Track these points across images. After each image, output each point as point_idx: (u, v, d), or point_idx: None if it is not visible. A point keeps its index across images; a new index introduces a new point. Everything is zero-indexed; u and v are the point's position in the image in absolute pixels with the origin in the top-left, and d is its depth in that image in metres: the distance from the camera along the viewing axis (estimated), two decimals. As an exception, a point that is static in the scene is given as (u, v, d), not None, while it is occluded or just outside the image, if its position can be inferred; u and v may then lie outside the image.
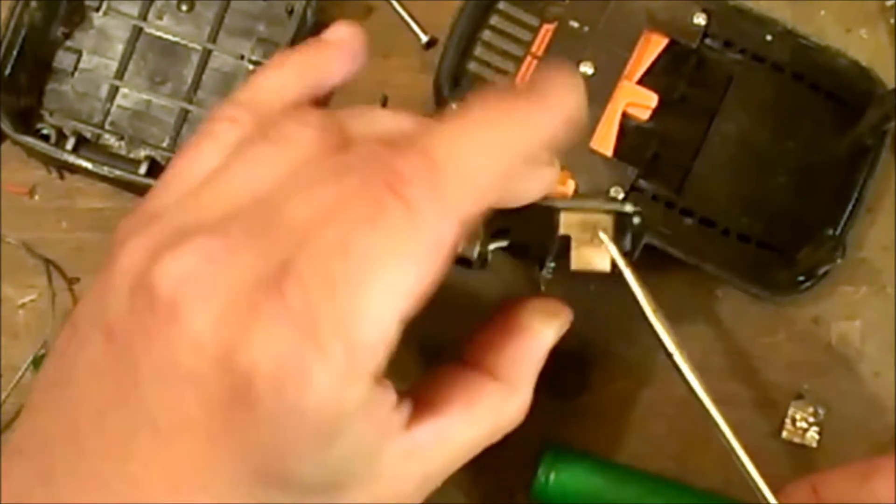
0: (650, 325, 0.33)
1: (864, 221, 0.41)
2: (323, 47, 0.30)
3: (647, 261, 0.34)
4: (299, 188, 0.25)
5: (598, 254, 0.32)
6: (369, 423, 0.25)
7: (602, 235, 0.32)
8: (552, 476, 0.38)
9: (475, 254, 0.32)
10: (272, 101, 0.29)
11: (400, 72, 0.42)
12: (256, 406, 0.24)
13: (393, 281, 0.24)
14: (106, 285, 0.26)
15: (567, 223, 0.32)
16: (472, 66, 0.41)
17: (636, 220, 0.33)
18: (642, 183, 0.40)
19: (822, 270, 0.39)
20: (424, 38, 0.42)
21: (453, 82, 0.40)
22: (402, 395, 0.26)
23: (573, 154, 0.39)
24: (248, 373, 0.24)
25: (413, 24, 0.42)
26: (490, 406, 0.29)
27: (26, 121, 0.40)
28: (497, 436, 0.30)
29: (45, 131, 0.40)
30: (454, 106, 0.39)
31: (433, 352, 0.38)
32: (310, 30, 0.41)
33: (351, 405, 0.24)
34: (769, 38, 0.41)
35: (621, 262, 0.32)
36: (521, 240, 0.33)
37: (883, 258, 0.42)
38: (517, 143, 0.26)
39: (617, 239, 0.32)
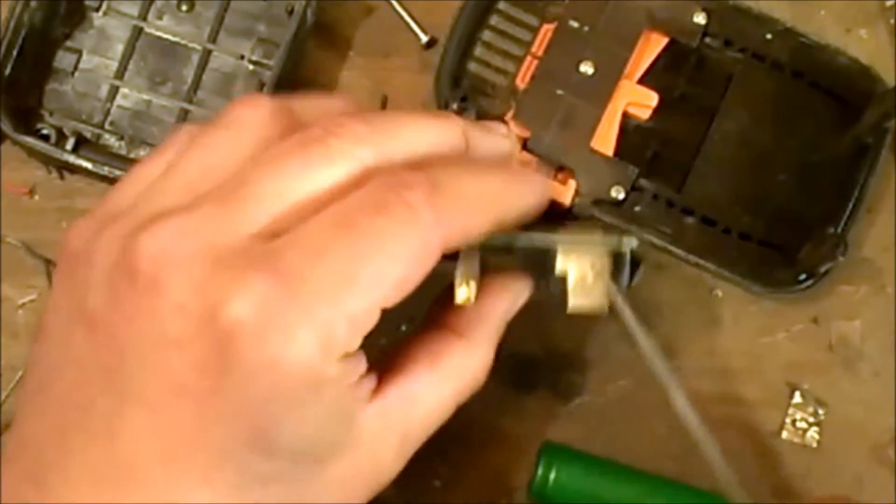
0: (648, 362, 0.32)
1: (865, 221, 0.41)
2: None
3: (643, 270, 0.35)
4: (272, 163, 0.26)
5: (595, 292, 0.32)
6: (343, 390, 0.26)
7: (602, 275, 0.32)
8: (552, 476, 0.38)
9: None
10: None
11: (400, 72, 0.42)
12: (241, 358, 0.24)
13: (383, 267, 0.25)
14: (79, 281, 0.26)
15: (563, 262, 0.32)
16: (473, 66, 0.41)
17: (634, 244, 0.32)
18: (643, 182, 0.40)
19: (823, 268, 0.39)
20: (424, 38, 0.42)
21: (453, 82, 0.40)
22: (371, 365, 0.27)
23: (574, 154, 0.39)
24: (233, 325, 0.24)
25: (413, 24, 0.42)
26: (453, 363, 0.30)
27: (26, 121, 0.40)
28: (463, 395, 0.30)
29: (45, 131, 0.40)
30: (454, 106, 0.39)
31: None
32: (310, 30, 0.41)
33: (329, 371, 0.25)
34: (769, 36, 0.41)
35: (619, 303, 0.32)
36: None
37: (883, 258, 0.42)
38: (501, 198, 0.29)
39: (615, 276, 0.32)
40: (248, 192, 0.26)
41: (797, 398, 0.41)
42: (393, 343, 0.30)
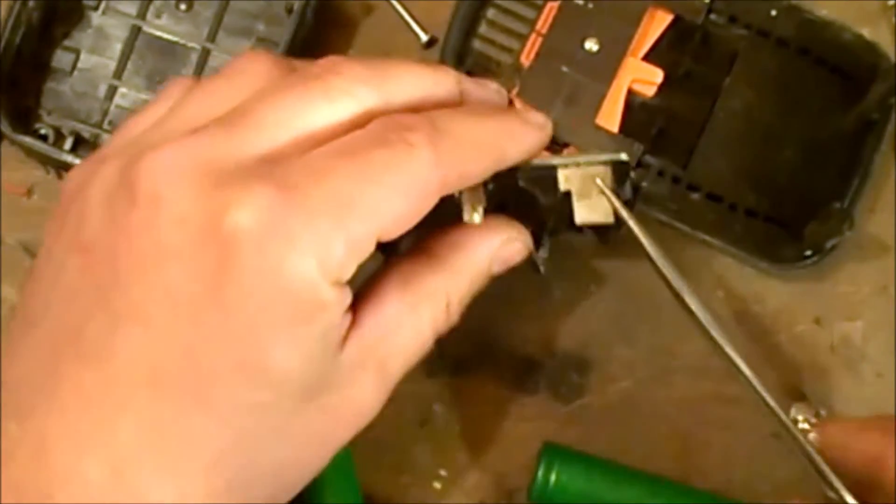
0: (657, 271, 0.32)
1: (866, 221, 0.41)
2: None
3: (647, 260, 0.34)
4: (270, 95, 0.27)
5: (600, 206, 0.32)
6: (332, 319, 0.26)
7: (603, 188, 0.32)
8: (552, 477, 0.38)
9: (540, 261, 0.32)
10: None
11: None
12: (241, 266, 0.24)
13: (385, 195, 0.26)
14: (73, 216, 0.26)
15: (565, 180, 0.32)
16: (477, 43, 0.41)
17: (631, 172, 0.33)
18: (648, 159, 0.40)
19: (829, 244, 0.39)
20: (424, 38, 0.42)
21: (458, 60, 0.40)
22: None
23: (579, 130, 0.39)
24: (235, 232, 0.24)
25: (413, 23, 0.42)
26: (425, 285, 0.29)
27: (24, 121, 0.40)
28: (439, 323, 0.29)
29: (43, 131, 0.40)
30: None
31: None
32: (309, 29, 0.41)
33: (323, 292, 0.25)
34: (773, 13, 0.41)
35: (623, 212, 0.32)
36: (519, 209, 0.33)
37: (884, 258, 0.42)
38: (500, 143, 0.29)
39: (616, 189, 0.32)
40: (249, 121, 0.26)
41: (799, 399, 0.41)
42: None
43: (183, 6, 0.41)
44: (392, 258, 0.30)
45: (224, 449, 0.25)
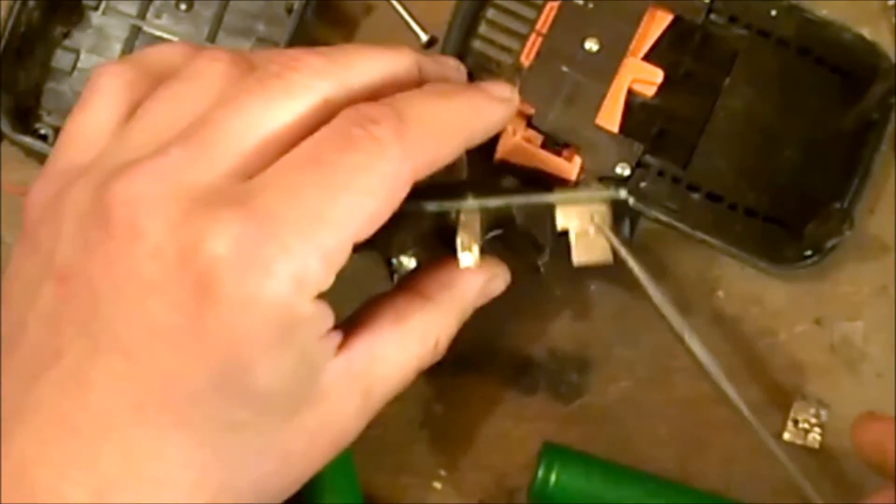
0: (657, 309, 0.32)
1: (866, 221, 0.41)
2: None
3: (647, 260, 0.34)
4: (233, 102, 0.27)
5: (598, 245, 0.32)
6: (313, 336, 0.26)
7: (602, 227, 0.32)
8: (552, 476, 0.38)
9: (540, 262, 0.33)
10: (151, 58, 0.30)
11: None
12: (219, 295, 0.24)
13: (356, 201, 0.26)
14: (46, 240, 0.26)
15: (563, 218, 0.32)
16: (477, 44, 0.41)
17: (631, 201, 0.32)
18: (648, 158, 0.40)
19: (829, 244, 0.39)
20: (424, 38, 0.42)
21: (457, 59, 0.40)
22: (338, 323, 0.27)
23: (579, 131, 0.39)
24: (211, 263, 0.24)
25: (413, 23, 0.42)
26: (417, 324, 0.30)
27: (24, 120, 0.40)
28: (424, 360, 0.30)
29: (43, 131, 0.40)
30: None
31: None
32: (309, 29, 0.41)
33: (302, 310, 0.25)
34: (774, 13, 0.41)
35: (623, 251, 0.32)
36: (516, 237, 0.33)
37: (884, 258, 0.42)
38: (468, 120, 0.30)
39: (615, 227, 0.32)
40: (214, 133, 0.26)
41: (799, 399, 0.41)
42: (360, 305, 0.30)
43: (183, 6, 0.41)
44: (388, 292, 0.31)
45: (205, 469, 0.25)
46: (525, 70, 0.40)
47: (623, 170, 0.39)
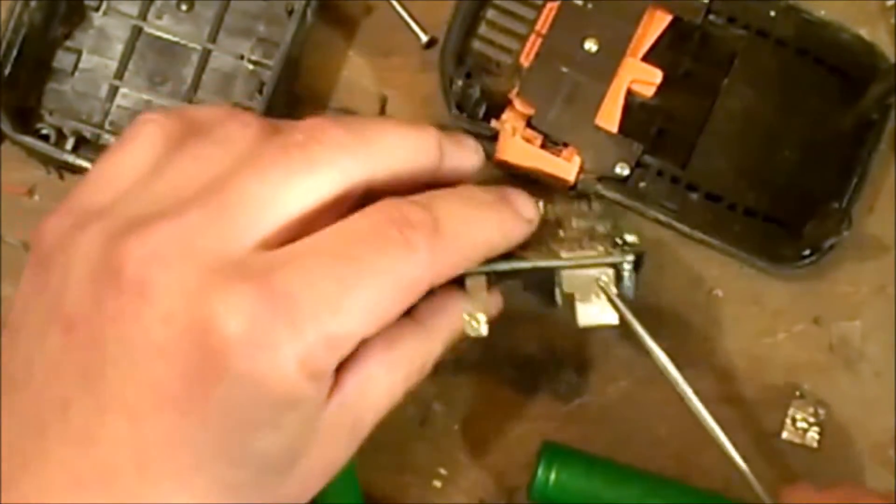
0: (660, 369, 0.33)
1: (865, 221, 0.41)
2: None
3: (647, 260, 0.35)
4: (248, 165, 0.27)
5: (603, 307, 0.32)
6: (314, 406, 0.27)
7: (608, 292, 0.32)
8: (552, 476, 0.38)
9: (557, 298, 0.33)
10: (195, 115, 0.30)
11: (400, 72, 0.42)
12: (227, 371, 0.24)
13: (374, 299, 0.26)
14: (55, 279, 0.26)
15: (568, 281, 0.32)
16: (477, 44, 0.41)
17: (628, 273, 0.33)
18: (647, 158, 0.40)
19: (827, 243, 0.39)
20: (424, 38, 0.42)
21: (457, 60, 0.40)
22: None
23: (578, 131, 0.39)
24: (223, 339, 0.24)
25: (413, 23, 0.42)
26: (407, 348, 0.30)
27: (26, 121, 0.40)
28: (411, 382, 0.30)
29: (44, 131, 0.40)
30: (459, 83, 0.39)
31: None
32: (309, 30, 0.41)
33: (303, 391, 0.26)
34: (773, 13, 0.41)
35: (628, 316, 0.32)
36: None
37: (883, 258, 0.42)
38: (494, 238, 0.30)
39: (620, 287, 0.32)
40: (234, 197, 0.26)
41: (797, 398, 0.41)
42: None
43: (184, 7, 0.41)
44: None
45: None
46: (525, 70, 0.40)
47: (622, 170, 0.39)
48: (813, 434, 0.41)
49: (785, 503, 0.34)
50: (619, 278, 0.32)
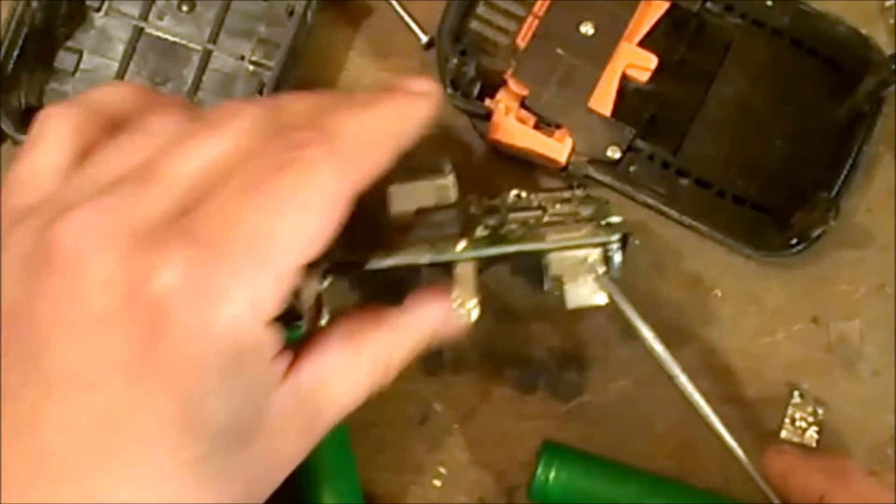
0: (648, 349, 0.33)
1: (864, 221, 0.42)
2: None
3: (646, 260, 0.35)
4: (176, 148, 0.27)
5: (591, 288, 0.32)
6: (263, 362, 0.26)
7: (596, 272, 0.32)
8: (552, 475, 0.38)
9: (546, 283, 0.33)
10: (98, 99, 0.30)
11: (400, 72, 0.42)
12: (172, 325, 0.24)
13: (299, 220, 0.26)
14: None
15: (556, 264, 0.32)
16: (475, 24, 0.41)
17: (618, 264, 0.33)
18: (639, 143, 0.40)
19: (815, 233, 0.39)
20: (424, 38, 0.42)
21: (454, 38, 0.40)
22: (287, 345, 0.27)
23: (571, 113, 0.39)
24: (162, 294, 0.24)
25: (413, 24, 0.42)
26: (368, 344, 0.29)
27: (27, 121, 0.40)
28: (376, 382, 0.30)
29: (45, 131, 0.40)
30: (454, 61, 0.39)
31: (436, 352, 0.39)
32: (310, 30, 0.41)
33: (257, 335, 0.25)
34: (769, 3, 0.41)
35: (617, 296, 0.32)
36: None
37: (882, 258, 0.42)
38: (395, 125, 0.29)
39: (607, 265, 0.32)
40: (157, 173, 0.26)
41: (796, 398, 0.41)
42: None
43: (185, 7, 0.42)
44: (345, 310, 0.30)
45: None
46: (520, 51, 0.40)
47: (613, 153, 0.40)
48: (812, 433, 0.41)
49: (770, 466, 0.34)
50: (606, 259, 0.32)
